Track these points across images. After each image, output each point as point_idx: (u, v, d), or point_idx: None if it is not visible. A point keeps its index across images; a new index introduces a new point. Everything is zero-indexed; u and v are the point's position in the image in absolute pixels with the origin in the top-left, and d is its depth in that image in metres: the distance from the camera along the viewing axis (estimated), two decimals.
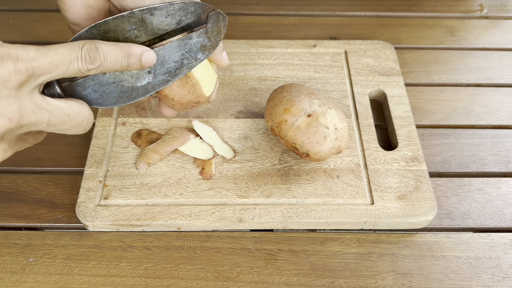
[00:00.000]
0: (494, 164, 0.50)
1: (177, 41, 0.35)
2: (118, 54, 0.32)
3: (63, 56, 0.29)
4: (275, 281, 0.42)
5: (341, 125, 0.44)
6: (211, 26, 0.36)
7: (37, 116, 0.30)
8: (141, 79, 0.35)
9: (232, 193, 0.45)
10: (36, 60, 0.28)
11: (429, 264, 0.43)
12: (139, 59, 0.33)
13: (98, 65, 0.31)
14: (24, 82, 0.28)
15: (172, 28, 0.36)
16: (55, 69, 0.29)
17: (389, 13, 0.68)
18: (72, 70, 0.30)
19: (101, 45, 0.31)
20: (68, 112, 0.32)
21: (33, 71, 0.28)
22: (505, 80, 0.59)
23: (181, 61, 0.36)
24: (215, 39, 0.36)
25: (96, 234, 0.44)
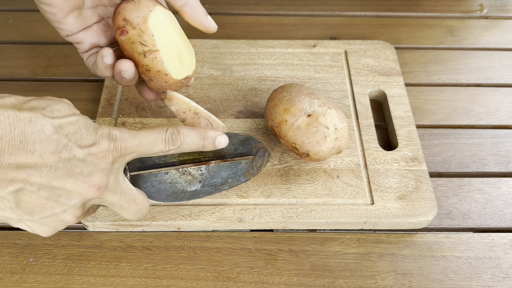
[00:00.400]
0: (494, 164, 0.50)
1: (230, 163, 0.42)
2: (196, 137, 0.36)
3: (150, 139, 0.33)
4: (275, 281, 0.42)
5: (341, 125, 0.44)
6: (257, 158, 0.43)
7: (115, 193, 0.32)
8: (192, 185, 0.41)
9: (232, 193, 0.45)
10: (129, 141, 0.32)
11: (429, 264, 0.43)
12: (213, 141, 0.37)
13: (178, 146, 0.35)
14: (117, 159, 0.32)
15: (228, 152, 0.42)
16: (141, 150, 0.33)
17: (389, 13, 0.68)
18: (155, 150, 0.34)
19: (182, 129, 0.36)
20: (135, 197, 0.35)
21: (125, 150, 0.32)
22: (505, 80, 0.59)
23: (227, 179, 0.42)
24: (257, 169, 0.43)
25: (96, 234, 0.44)
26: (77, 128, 0.30)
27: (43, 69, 0.59)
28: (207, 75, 0.55)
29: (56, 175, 0.28)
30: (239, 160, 0.42)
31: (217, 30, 0.42)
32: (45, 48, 0.61)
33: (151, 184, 0.39)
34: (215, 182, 0.41)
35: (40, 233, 0.31)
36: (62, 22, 0.38)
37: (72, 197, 0.30)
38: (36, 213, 0.29)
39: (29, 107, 0.28)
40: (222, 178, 0.41)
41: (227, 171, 0.42)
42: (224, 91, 0.54)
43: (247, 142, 0.43)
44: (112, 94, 0.52)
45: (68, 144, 0.29)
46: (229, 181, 0.42)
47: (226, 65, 0.56)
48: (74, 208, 0.31)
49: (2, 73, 0.58)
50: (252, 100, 0.53)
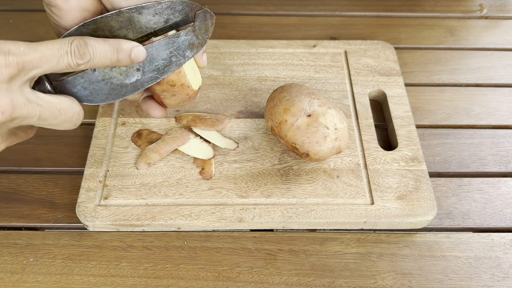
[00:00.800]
0: (494, 164, 0.50)
1: (165, 39, 0.36)
2: (108, 50, 0.33)
3: (53, 50, 0.30)
4: (275, 281, 0.42)
5: (341, 125, 0.44)
6: (198, 24, 0.36)
7: (29, 110, 0.30)
8: (130, 76, 0.36)
9: (232, 193, 0.45)
10: (27, 55, 0.29)
11: (429, 264, 0.43)
12: (128, 55, 0.34)
13: (88, 60, 0.32)
14: (15, 76, 0.29)
15: (160, 27, 0.36)
16: (45, 64, 0.30)
17: (389, 13, 0.68)
18: (62, 64, 0.31)
19: (90, 41, 0.32)
20: (58, 107, 0.32)
21: (24, 65, 0.29)
22: (505, 80, 0.59)
23: (170, 58, 0.36)
24: (203, 37, 0.37)
25: (96, 234, 0.44)
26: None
27: None
28: (207, 75, 0.55)
29: None
30: (176, 33, 0.36)
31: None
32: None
33: (81, 87, 0.35)
34: (157, 66, 0.36)
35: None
36: None
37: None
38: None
39: None
40: (164, 59, 0.36)
41: (167, 49, 0.36)
42: (224, 91, 0.54)
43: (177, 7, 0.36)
44: None
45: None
46: (173, 59, 0.36)
47: (226, 65, 0.57)
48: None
49: None
50: (252, 100, 0.53)
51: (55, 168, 0.49)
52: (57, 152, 0.50)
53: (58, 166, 0.49)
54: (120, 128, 0.50)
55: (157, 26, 0.36)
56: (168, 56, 0.36)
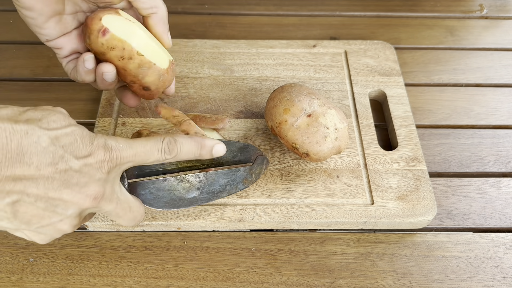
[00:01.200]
0: (494, 164, 0.50)
1: (228, 170, 0.41)
2: (193, 146, 0.36)
3: (146, 148, 0.33)
4: (275, 281, 0.42)
5: (341, 125, 0.44)
6: (256, 166, 0.43)
7: (112, 201, 0.33)
8: (190, 193, 0.40)
9: None
10: (124, 151, 0.32)
11: (429, 264, 0.43)
12: (210, 150, 0.37)
13: (174, 155, 0.35)
14: (112, 169, 0.32)
15: (226, 160, 0.42)
16: (138, 159, 0.33)
17: (389, 13, 0.68)
18: (152, 159, 0.34)
19: (179, 138, 0.36)
20: (131, 204, 0.35)
21: (121, 160, 0.32)
22: (505, 80, 0.59)
23: (225, 186, 0.41)
24: (256, 176, 0.43)
25: (96, 234, 0.44)
26: (73, 139, 0.30)
27: (43, 69, 0.59)
28: (207, 75, 0.55)
29: (52, 186, 0.29)
30: (237, 167, 0.42)
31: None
32: (45, 48, 0.61)
33: (149, 191, 0.38)
34: (213, 189, 0.41)
35: (37, 241, 0.32)
36: (42, 27, 0.38)
37: (68, 207, 0.30)
38: (33, 223, 0.29)
39: (25, 118, 0.28)
40: (221, 185, 0.41)
41: (226, 178, 0.41)
42: (224, 91, 0.54)
43: (246, 149, 0.42)
44: (112, 94, 0.52)
45: (65, 155, 0.29)
46: (227, 188, 0.41)
47: (226, 65, 0.57)
48: (71, 218, 0.31)
49: (2, 73, 0.58)
50: (252, 100, 0.53)
51: None
52: None
53: None
54: (120, 128, 0.50)
55: (224, 160, 0.42)
56: (225, 184, 0.41)
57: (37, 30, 0.39)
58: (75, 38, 0.40)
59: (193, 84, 0.54)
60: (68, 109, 0.37)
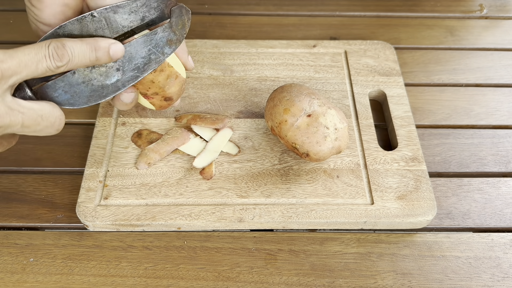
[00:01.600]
0: (494, 164, 0.51)
1: (142, 37, 0.36)
2: (86, 49, 0.32)
3: (30, 55, 0.30)
4: (275, 281, 0.42)
5: (341, 125, 0.44)
6: (175, 20, 0.36)
7: (11, 118, 0.30)
8: (110, 76, 0.35)
9: (232, 193, 0.45)
10: (4, 62, 0.29)
11: (429, 264, 0.43)
12: (107, 52, 0.34)
13: (67, 62, 0.32)
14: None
15: (136, 25, 0.36)
16: (24, 69, 0.30)
17: (389, 13, 0.68)
18: (41, 69, 0.30)
19: (67, 42, 0.32)
20: (40, 113, 0.32)
21: (2, 73, 0.29)
22: (505, 80, 0.59)
23: (149, 56, 0.36)
24: (180, 32, 0.37)
25: (96, 234, 0.44)
26: None
27: None
28: (207, 75, 0.55)
29: None
30: (153, 30, 0.36)
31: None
32: None
33: (62, 91, 0.34)
34: (137, 64, 0.36)
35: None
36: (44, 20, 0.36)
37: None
38: None
39: None
40: (143, 57, 0.36)
41: (145, 47, 0.36)
42: (224, 91, 0.54)
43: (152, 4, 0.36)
44: None
45: None
46: (153, 57, 0.36)
47: (226, 65, 0.57)
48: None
49: None
50: (252, 100, 0.53)
51: (55, 168, 0.49)
52: (57, 152, 0.50)
53: (58, 166, 0.49)
54: (120, 128, 0.50)
55: (134, 25, 0.36)
56: (147, 54, 0.36)
57: (42, 27, 0.37)
58: None
59: (193, 84, 0.54)
60: (68, 109, 0.37)
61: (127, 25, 0.36)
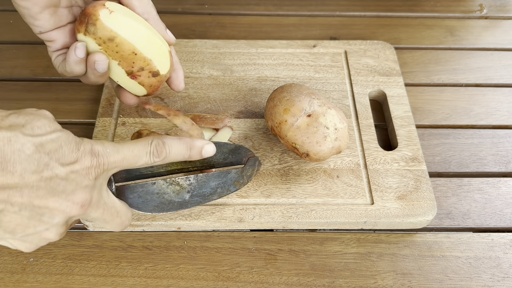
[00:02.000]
0: (494, 164, 0.51)
1: (219, 172, 0.40)
2: (182, 148, 0.36)
3: (134, 152, 0.33)
4: (275, 281, 0.42)
5: (341, 125, 0.44)
6: (248, 168, 0.42)
7: (99, 207, 0.32)
8: (180, 196, 0.39)
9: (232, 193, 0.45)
10: (111, 156, 0.31)
11: (429, 264, 0.43)
12: (200, 151, 0.37)
13: (163, 158, 0.34)
14: (99, 175, 0.31)
15: (217, 162, 0.41)
16: (126, 164, 0.32)
17: (389, 13, 0.68)
18: (140, 163, 0.33)
19: (167, 140, 0.35)
20: (118, 209, 0.34)
21: (108, 166, 0.31)
22: (505, 80, 0.59)
23: (216, 189, 0.40)
24: (247, 178, 0.42)
25: (96, 234, 0.44)
26: (59, 145, 0.29)
27: (43, 69, 0.59)
28: (207, 75, 0.55)
29: (37, 194, 0.28)
30: (228, 169, 0.41)
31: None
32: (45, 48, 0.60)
33: (137, 195, 0.37)
34: (204, 192, 0.40)
35: (22, 249, 0.31)
36: (36, 18, 0.37)
37: (55, 216, 0.29)
38: (17, 232, 0.29)
39: (8, 124, 0.28)
40: (211, 188, 0.40)
41: (216, 180, 0.40)
42: (224, 91, 0.54)
43: (237, 151, 0.41)
44: (112, 94, 0.52)
45: (50, 162, 0.28)
46: (218, 190, 0.40)
47: (226, 65, 0.57)
48: (57, 226, 0.30)
49: (2, 73, 0.58)
50: (252, 100, 0.53)
51: None
52: None
53: None
54: (120, 128, 0.50)
55: (215, 162, 0.41)
56: (215, 187, 0.40)
57: (31, 21, 0.38)
58: (69, 32, 0.40)
59: (193, 84, 0.54)
60: (68, 109, 0.37)
61: (211, 161, 0.41)
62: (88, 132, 0.51)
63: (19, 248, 0.31)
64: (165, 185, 0.38)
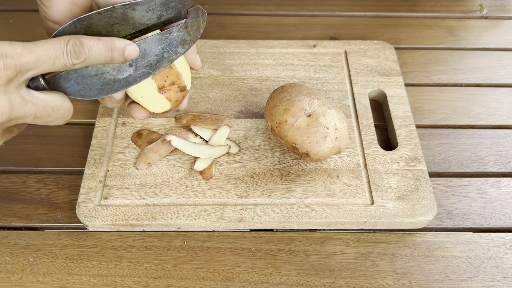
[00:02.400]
0: (494, 164, 0.50)
1: (158, 35, 0.36)
2: (102, 48, 0.33)
3: (49, 52, 0.30)
4: (275, 281, 0.42)
5: (341, 125, 0.44)
6: (190, 21, 0.37)
7: (25, 110, 0.31)
8: (123, 71, 0.36)
9: (232, 193, 0.45)
10: (24, 56, 0.29)
11: (429, 264, 0.43)
12: (122, 53, 0.34)
13: (83, 60, 0.32)
14: (13, 78, 0.29)
15: (153, 23, 0.37)
16: (42, 65, 0.30)
17: (389, 13, 0.68)
18: (58, 65, 0.31)
19: (85, 40, 0.32)
20: (52, 105, 0.32)
21: (21, 67, 0.29)
22: (505, 80, 0.59)
23: (162, 54, 0.36)
24: (194, 33, 0.37)
25: (96, 234, 0.44)
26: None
27: None
28: (207, 75, 0.55)
29: None
30: (168, 28, 0.37)
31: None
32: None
33: (74, 82, 0.34)
34: (150, 61, 0.36)
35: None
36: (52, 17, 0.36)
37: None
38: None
39: None
40: (156, 54, 0.36)
41: (159, 44, 0.36)
42: (224, 91, 0.54)
43: (170, 4, 0.37)
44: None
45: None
46: (166, 55, 0.36)
47: (226, 65, 0.57)
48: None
49: None
50: (252, 100, 0.53)
51: (55, 168, 0.49)
52: (57, 152, 0.50)
53: (58, 166, 0.49)
54: (120, 128, 0.50)
55: (150, 22, 0.37)
56: (161, 52, 0.36)
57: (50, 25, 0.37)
58: None
59: (193, 84, 0.54)
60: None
61: (144, 23, 0.37)
62: (88, 132, 0.51)
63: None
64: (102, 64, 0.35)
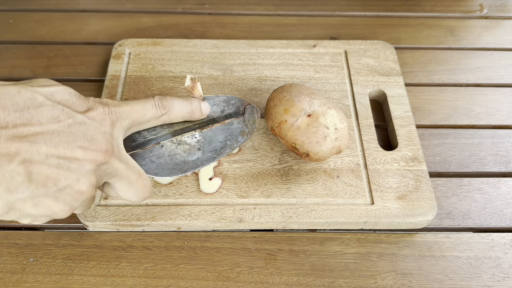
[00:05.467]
0: (494, 164, 0.50)
1: (221, 125, 0.42)
2: (183, 102, 0.39)
3: (139, 104, 0.35)
4: (275, 281, 0.42)
5: (341, 125, 0.44)
6: (247, 116, 0.44)
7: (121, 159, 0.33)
8: (192, 154, 0.40)
9: (232, 193, 0.45)
10: (121, 106, 0.34)
11: (429, 264, 0.43)
12: (199, 107, 0.40)
13: (168, 110, 0.37)
14: (115, 123, 0.33)
15: (217, 115, 0.43)
16: (135, 114, 0.35)
17: (389, 13, 0.68)
18: (148, 116, 0.36)
19: (168, 97, 0.38)
20: (140, 171, 0.35)
21: (120, 114, 0.33)
22: (505, 80, 0.59)
23: (225, 142, 0.42)
24: (251, 126, 0.44)
25: (96, 234, 0.44)
26: (68, 95, 0.31)
27: (43, 69, 0.59)
28: (207, 75, 0.55)
29: (60, 140, 0.28)
30: (230, 121, 0.43)
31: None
32: (45, 48, 0.61)
33: (149, 160, 0.38)
34: (215, 147, 0.41)
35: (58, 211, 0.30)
36: None
37: (82, 163, 0.29)
38: (49, 186, 0.28)
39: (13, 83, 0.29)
40: (220, 141, 0.41)
41: (223, 133, 0.42)
42: (224, 91, 0.54)
43: (231, 101, 0.44)
44: (112, 94, 0.52)
45: (64, 109, 0.29)
46: (228, 143, 0.42)
47: (226, 65, 0.57)
48: (88, 175, 0.30)
49: (2, 73, 0.58)
50: (252, 100, 0.53)
51: None
52: None
53: None
54: None
55: (215, 115, 0.43)
56: (224, 140, 0.42)
57: None
58: None
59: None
60: None
61: (210, 114, 0.43)
62: None
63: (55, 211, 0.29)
64: (174, 145, 0.40)
